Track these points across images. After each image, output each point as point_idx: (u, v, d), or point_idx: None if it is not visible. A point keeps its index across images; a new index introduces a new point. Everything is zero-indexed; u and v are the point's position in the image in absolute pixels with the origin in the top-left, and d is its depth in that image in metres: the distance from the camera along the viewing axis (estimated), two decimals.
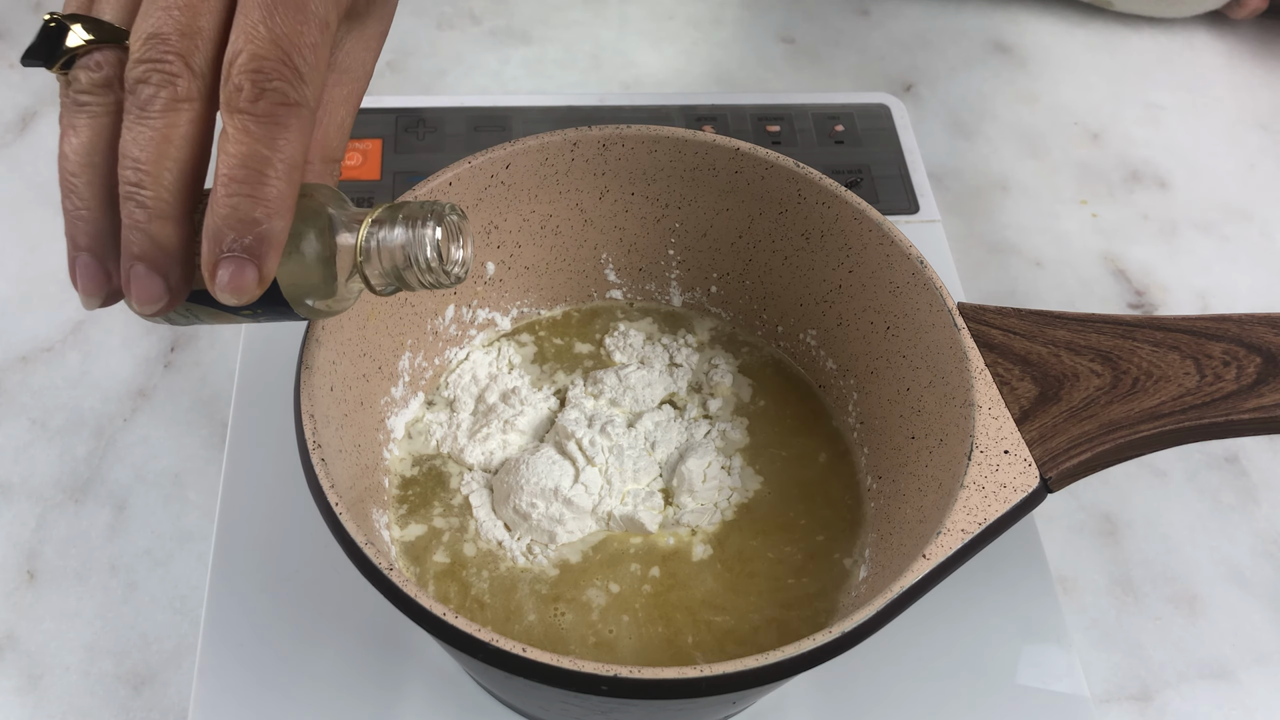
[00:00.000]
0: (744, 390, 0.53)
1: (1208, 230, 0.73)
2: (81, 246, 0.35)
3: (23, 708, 0.50)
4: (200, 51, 0.34)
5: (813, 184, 0.48)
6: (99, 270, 0.35)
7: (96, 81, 0.34)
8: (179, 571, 0.54)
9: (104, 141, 0.34)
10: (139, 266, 0.34)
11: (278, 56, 0.33)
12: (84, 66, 0.34)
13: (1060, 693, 0.49)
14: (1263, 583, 0.58)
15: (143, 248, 0.34)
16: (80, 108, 0.34)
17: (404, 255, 0.36)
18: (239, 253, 0.34)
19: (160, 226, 0.34)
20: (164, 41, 0.33)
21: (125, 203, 0.34)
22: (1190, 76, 0.82)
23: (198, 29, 0.34)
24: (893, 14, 0.84)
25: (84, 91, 0.34)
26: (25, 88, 0.73)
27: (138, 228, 0.34)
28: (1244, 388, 0.44)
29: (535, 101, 0.69)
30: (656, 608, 0.46)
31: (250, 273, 0.34)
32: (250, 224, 0.33)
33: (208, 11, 0.34)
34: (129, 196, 0.33)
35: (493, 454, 0.49)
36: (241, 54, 0.33)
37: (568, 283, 0.54)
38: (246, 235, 0.33)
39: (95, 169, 0.34)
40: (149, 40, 0.33)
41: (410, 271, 0.37)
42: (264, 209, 0.33)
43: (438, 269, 0.37)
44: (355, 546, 0.37)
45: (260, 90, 0.33)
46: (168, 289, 0.35)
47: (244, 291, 0.34)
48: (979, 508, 0.40)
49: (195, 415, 0.59)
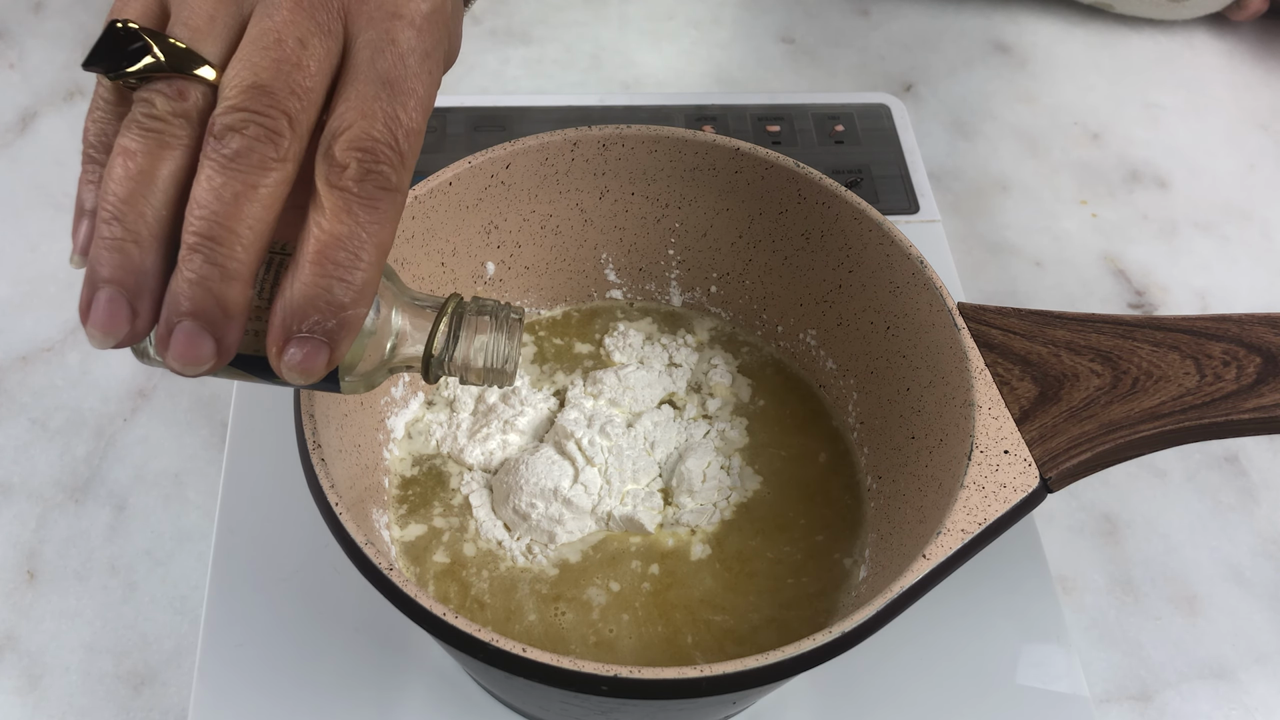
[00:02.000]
0: (743, 390, 0.53)
1: (1208, 230, 0.73)
2: (107, 279, 0.32)
3: (23, 708, 0.50)
4: (306, 115, 0.32)
5: (813, 184, 0.48)
6: (124, 310, 0.32)
7: (176, 111, 0.32)
8: (179, 571, 0.54)
9: (169, 176, 0.32)
10: (189, 323, 0.32)
11: (387, 139, 0.32)
12: (164, 92, 0.32)
13: (1060, 693, 0.49)
14: (1263, 583, 0.58)
15: (201, 305, 0.31)
16: (148, 132, 0.32)
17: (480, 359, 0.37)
18: (318, 335, 0.32)
19: (228, 287, 0.31)
20: (271, 96, 0.31)
21: (191, 254, 0.31)
22: (1190, 76, 0.82)
23: (306, 90, 0.32)
24: (893, 14, 0.84)
25: (158, 118, 0.32)
26: (25, 88, 0.73)
27: (203, 284, 0.31)
28: (1244, 388, 0.44)
29: (535, 101, 0.69)
30: (656, 607, 0.46)
31: (323, 356, 0.32)
32: (336, 308, 0.32)
33: (318, 74, 0.32)
34: (197, 248, 0.31)
35: (492, 454, 0.49)
36: (351, 129, 0.32)
37: (568, 283, 0.54)
38: (330, 319, 0.32)
39: (151, 202, 0.32)
40: (253, 90, 0.31)
41: (476, 371, 0.37)
42: (352, 294, 0.32)
43: (501, 370, 0.38)
44: (355, 546, 0.37)
45: (365, 171, 0.32)
46: (217, 352, 0.32)
47: (313, 374, 0.33)
48: (979, 508, 0.40)
49: (195, 415, 0.59)
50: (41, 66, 0.74)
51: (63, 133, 0.71)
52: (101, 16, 0.76)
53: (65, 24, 0.76)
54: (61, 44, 0.75)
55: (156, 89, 0.32)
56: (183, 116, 0.32)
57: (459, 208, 0.48)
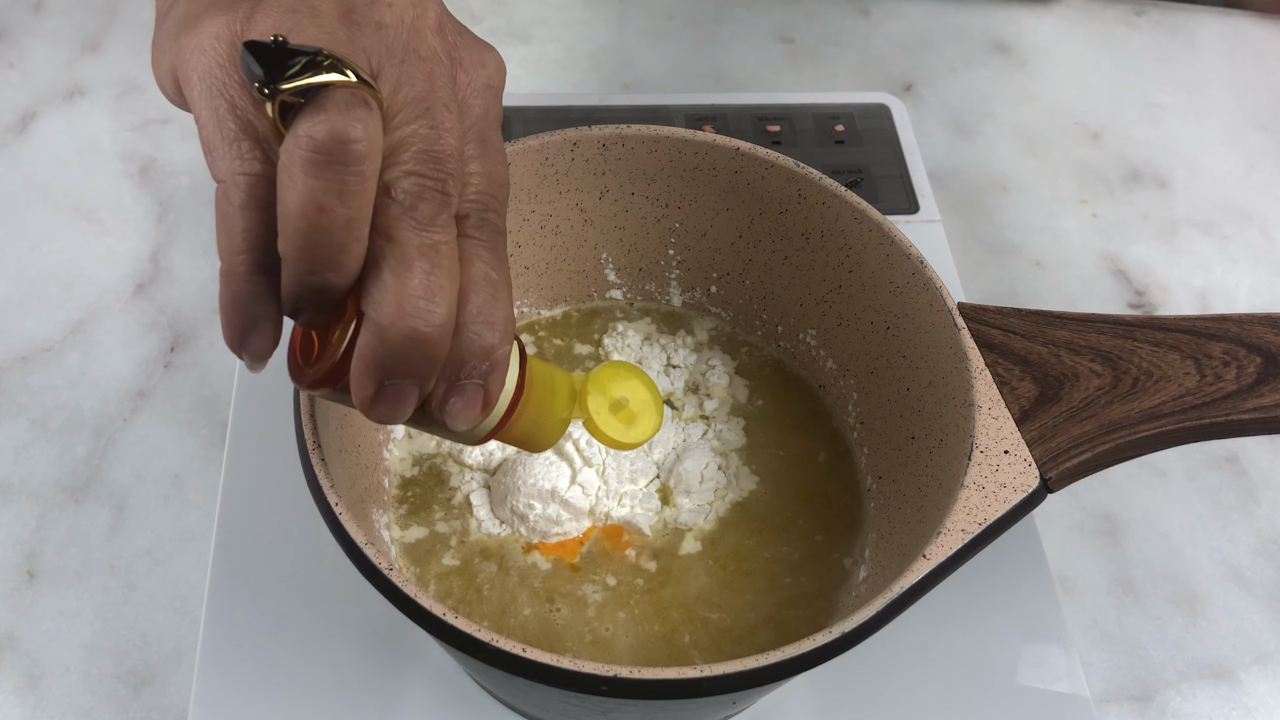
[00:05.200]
0: (740, 391, 0.53)
1: (1208, 230, 0.73)
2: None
3: (23, 708, 0.50)
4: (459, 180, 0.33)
5: (813, 184, 0.48)
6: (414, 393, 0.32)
7: (367, 151, 0.30)
8: (179, 571, 0.54)
9: (365, 213, 0.31)
10: (406, 384, 0.32)
11: (494, 192, 0.34)
12: (361, 120, 0.30)
13: (1060, 693, 0.49)
14: (1263, 583, 0.58)
15: (416, 369, 0.32)
16: (343, 167, 0.29)
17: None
18: (476, 379, 0.33)
19: (438, 349, 0.32)
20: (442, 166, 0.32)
21: (413, 320, 0.31)
22: (1190, 76, 0.82)
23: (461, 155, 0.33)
24: (893, 14, 0.84)
25: (359, 141, 0.29)
26: (25, 87, 0.73)
27: (421, 345, 0.31)
28: (1244, 388, 0.44)
29: (535, 101, 0.69)
30: (652, 605, 0.46)
31: (480, 398, 0.34)
32: (488, 350, 0.33)
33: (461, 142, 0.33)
34: (415, 315, 0.31)
35: (492, 454, 0.49)
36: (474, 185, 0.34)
37: (568, 283, 0.54)
38: (484, 362, 0.33)
39: (359, 236, 0.31)
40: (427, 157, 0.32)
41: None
42: (500, 334, 0.33)
43: None
44: (355, 546, 0.37)
45: (483, 219, 0.34)
46: (413, 403, 0.32)
47: (474, 419, 0.34)
48: (979, 508, 0.40)
49: (195, 415, 0.59)
50: (41, 66, 0.74)
51: (62, 133, 0.71)
52: (102, 16, 0.76)
53: (65, 24, 0.76)
54: (61, 44, 0.75)
55: (355, 117, 0.29)
56: (371, 157, 0.30)
57: None
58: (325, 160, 0.29)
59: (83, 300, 0.63)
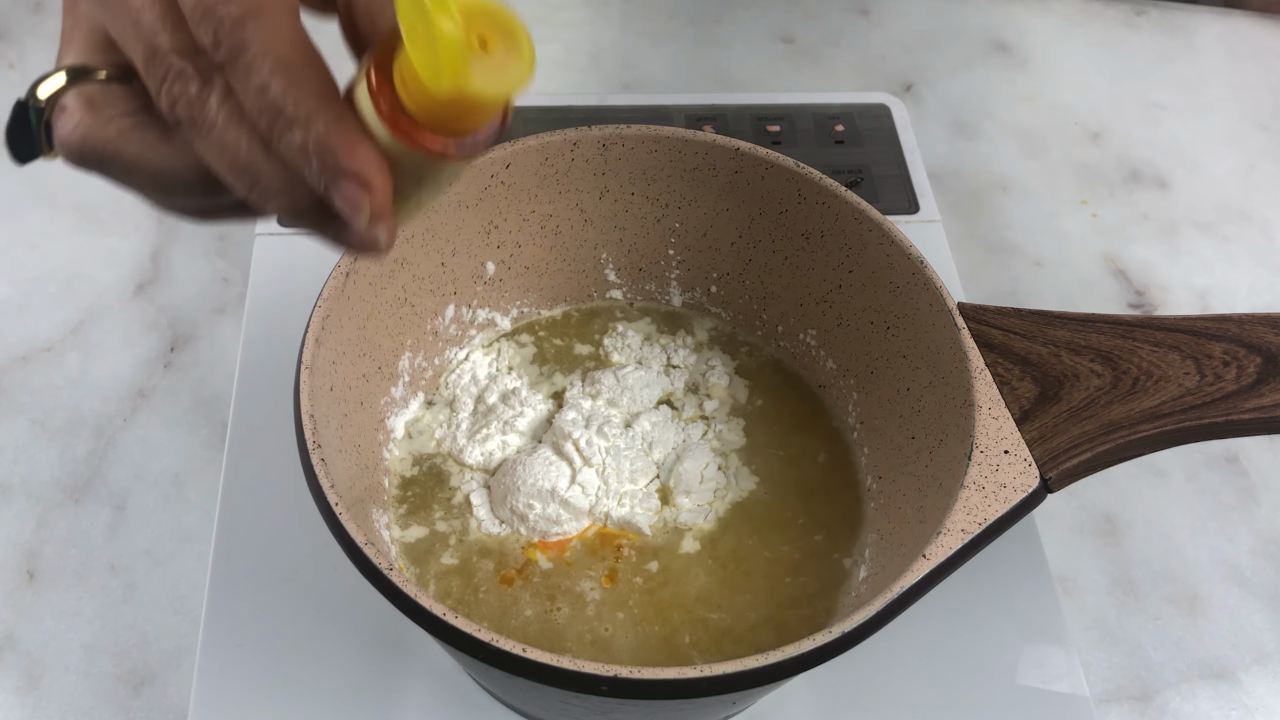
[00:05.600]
0: (740, 391, 0.53)
1: (1208, 230, 0.73)
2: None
3: (23, 708, 0.50)
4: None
5: (813, 184, 0.48)
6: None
7: (109, 134, 0.32)
8: (179, 571, 0.54)
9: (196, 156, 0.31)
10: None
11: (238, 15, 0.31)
12: (73, 121, 0.32)
13: (1060, 693, 0.49)
14: (1263, 583, 0.58)
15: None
16: (114, 159, 0.32)
17: None
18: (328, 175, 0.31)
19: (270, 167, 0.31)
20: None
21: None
22: (1190, 76, 0.82)
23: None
24: (893, 14, 0.84)
25: (90, 136, 0.32)
26: (25, 87, 0.72)
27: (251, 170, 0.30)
28: (1244, 388, 0.44)
29: (535, 101, 0.69)
30: (652, 605, 0.46)
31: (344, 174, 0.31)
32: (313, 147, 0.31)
33: None
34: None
35: (492, 455, 0.49)
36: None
37: (568, 283, 0.54)
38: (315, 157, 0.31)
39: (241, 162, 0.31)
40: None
41: None
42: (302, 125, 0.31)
43: None
44: (355, 547, 0.37)
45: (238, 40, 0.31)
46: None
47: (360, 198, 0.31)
48: (979, 508, 0.40)
49: (195, 415, 0.59)
50: (41, 66, 0.73)
51: None
52: None
53: None
54: None
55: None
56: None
57: (459, 208, 0.48)
58: (96, 162, 0.31)
59: (83, 300, 0.63)
